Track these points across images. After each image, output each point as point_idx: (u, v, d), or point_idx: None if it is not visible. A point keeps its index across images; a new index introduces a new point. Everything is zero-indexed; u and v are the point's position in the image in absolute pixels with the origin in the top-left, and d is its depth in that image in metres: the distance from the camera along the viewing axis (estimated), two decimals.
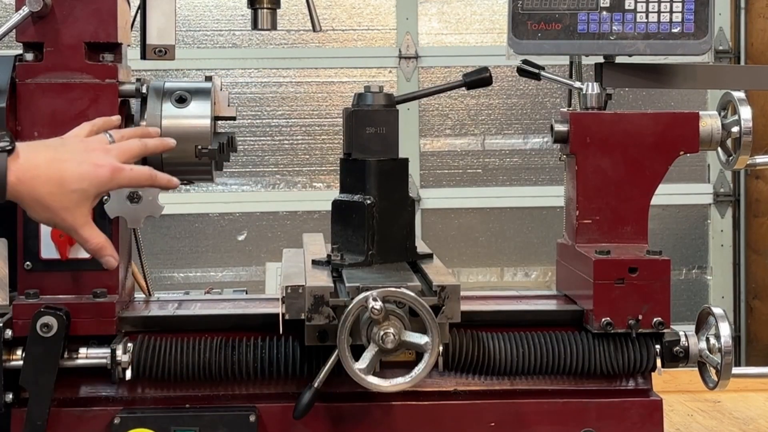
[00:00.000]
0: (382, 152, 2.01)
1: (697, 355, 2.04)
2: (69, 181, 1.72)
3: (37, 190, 1.70)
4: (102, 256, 1.79)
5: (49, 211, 1.72)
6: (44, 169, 1.72)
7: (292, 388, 1.98)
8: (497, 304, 2.14)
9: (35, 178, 1.71)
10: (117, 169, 1.77)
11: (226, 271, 5.51)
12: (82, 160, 1.75)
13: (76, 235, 1.76)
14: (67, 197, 1.72)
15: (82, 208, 1.74)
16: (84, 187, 1.73)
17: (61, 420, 1.94)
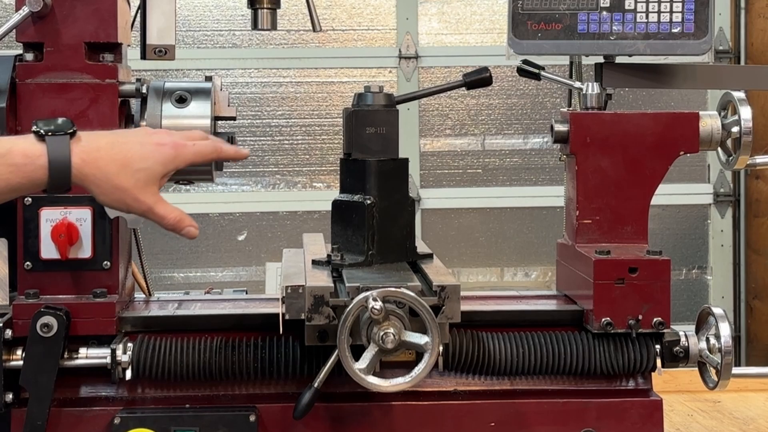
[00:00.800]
0: (382, 152, 2.01)
1: (697, 355, 2.04)
2: (133, 161, 1.70)
3: (102, 170, 1.67)
4: (182, 228, 1.75)
5: (118, 191, 1.68)
6: (107, 150, 1.70)
7: (292, 388, 1.98)
8: (497, 304, 2.14)
9: (99, 159, 1.68)
10: (180, 145, 1.75)
11: (226, 271, 5.51)
12: (144, 141, 1.74)
13: (151, 214, 1.72)
14: (133, 176, 1.69)
15: (151, 186, 1.71)
16: (149, 166, 1.71)
17: (61, 420, 1.94)
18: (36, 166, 1.64)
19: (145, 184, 1.71)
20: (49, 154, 1.64)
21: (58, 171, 1.65)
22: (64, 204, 1.97)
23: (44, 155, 1.64)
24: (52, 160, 1.64)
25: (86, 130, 1.97)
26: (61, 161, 1.65)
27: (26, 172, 1.64)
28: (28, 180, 1.64)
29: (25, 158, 1.64)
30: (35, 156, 1.64)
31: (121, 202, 1.70)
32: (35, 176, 1.64)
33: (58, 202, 1.97)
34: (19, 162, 1.63)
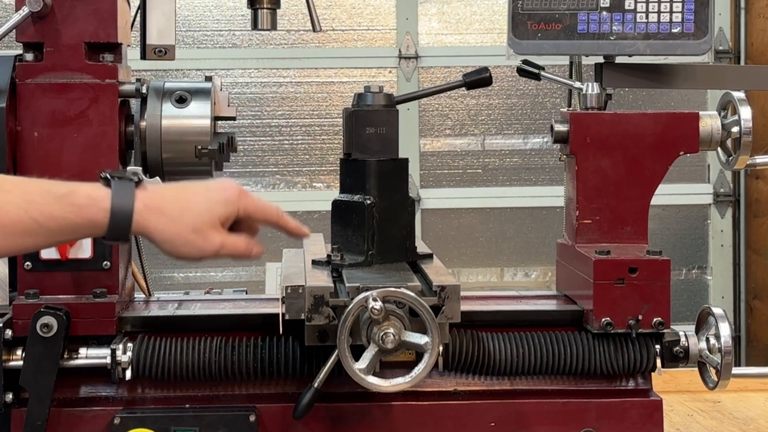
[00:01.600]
0: (382, 152, 2.01)
1: (697, 355, 2.04)
2: (196, 204, 1.69)
3: (165, 214, 1.66)
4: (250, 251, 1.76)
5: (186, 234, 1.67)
6: (171, 196, 1.70)
7: (292, 388, 1.98)
8: (497, 304, 2.14)
9: (163, 205, 1.67)
10: (244, 192, 1.75)
11: (226, 271, 5.51)
12: (206, 187, 1.74)
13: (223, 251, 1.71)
14: (199, 219, 1.68)
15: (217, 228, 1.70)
16: (211, 207, 1.70)
17: (61, 420, 1.94)
18: (98, 208, 1.62)
19: (210, 225, 1.69)
20: (112, 198, 1.62)
21: (119, 215, 1.62)
22: None
23: (108, 199, 1.62)
24: (114, 203, 1.62)
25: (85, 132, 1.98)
26: (124, 204, 1.63)
27: (88, 213, 1.61)
28: (88, 222, 1.62)
29: (88, 199, 1.62)
30: (99, 198, 1.62)
31: (189, 245, 1.68)
32: (96, 218, 1.61)
33: None
34: (81, 203, 1.61)
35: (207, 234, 1.68)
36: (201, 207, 1.69)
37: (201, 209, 1.69)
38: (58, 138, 1.99)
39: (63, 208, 1.60)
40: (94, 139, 1.99)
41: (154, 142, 2.03)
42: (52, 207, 1.59)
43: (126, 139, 2.05)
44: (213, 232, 1.69)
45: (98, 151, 1.99)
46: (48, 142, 1.99)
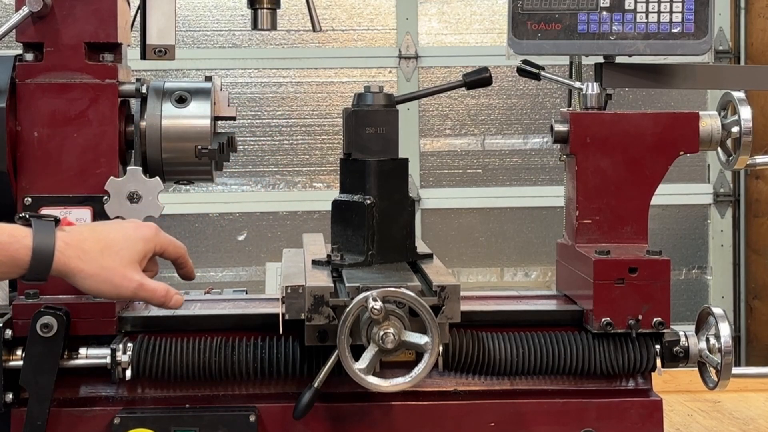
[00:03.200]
0: (382, 152, 2.01)
1: (697, 355, 2.03)
2: (116, 241, 1.75)
3: (86, 251, 1.71)
4: (171, 299, 1.82)
5: (104, 270, 1.72)
6: (89, 234, 1.75)
7: (292, 388, 1.98)
8: (497, 304, 2.14)
9: (83, 242, 1.72)
10: (158, 229, 1.82)
11: (226, 271, 5.51)
12: (123, 225, 1.81)
13: (142, 291, 1.77)
14: (119, 255, 1.74)
15: (135, 265, 1.76)
16: (130, 245, 1.76)
17: (61, 420, 1.94)
18: (21, 245, 1.67)
19: (129, 262, 1.75)
20: (34, 236, 1.68)
21: (41, 252, 1.68)
22: (64, 204, 1.97)
23: (29, 236, 1.68)
24: (36, 239, 1.68)
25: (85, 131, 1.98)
26: (45, 242, 1.68)
27: (10, 250, 1.67)
28: (10, 259, 1.67)
29: (10, 237, 1.68)
30: (21, 236, 1.68)
31: (108, 282, 1.73)
32: (18, 256, 1.67)
33: (58, 202, 1.97)
34: (4, 240, 1.67)
35: (126, 272, 1.75)
36: (120, 245, 1.75)
37: (120, 247, 1.75)
38: (58, 138, 1.99)
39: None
40: (94, 139, 1.99)
41: (154, 142, 2.03)
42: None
43: (126, 139, 2.05)
44: (132, 271, 1.76)
45: (98, 151, 1.99)
46: (48, 142, 1.99)
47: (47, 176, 1.99)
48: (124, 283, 1.75)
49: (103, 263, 1.72)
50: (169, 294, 1.81)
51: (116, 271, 1.73)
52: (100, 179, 1.98)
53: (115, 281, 1.74)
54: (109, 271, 1.73)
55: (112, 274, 1.73)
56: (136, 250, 1.77)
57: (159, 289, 1.79)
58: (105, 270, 1.73)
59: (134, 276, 1.76)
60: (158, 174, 2.05)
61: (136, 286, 1.76)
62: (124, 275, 1.74)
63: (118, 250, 1.74)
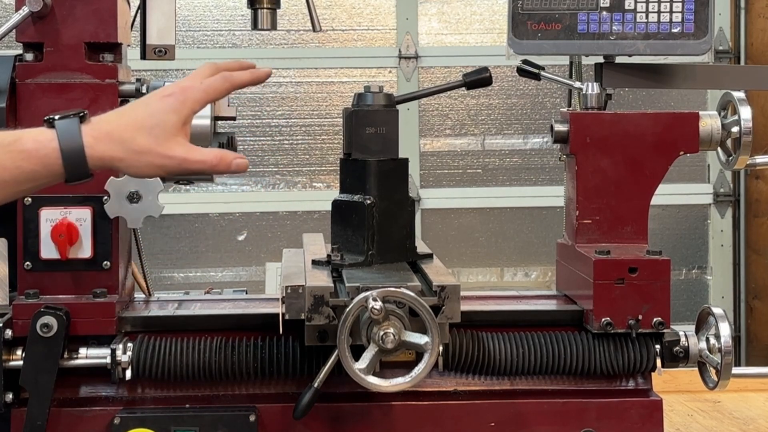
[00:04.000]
0: (382, 152, 2.01)
1: (697, 355, 2.04)
2: (144, 120, 1.62)
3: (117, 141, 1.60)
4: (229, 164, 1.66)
5: (143, 155, 1.60)
6: (116, 121, 1.63)
7: (292, 388, 1.98)
8: (497, 304, 2.14)
9: (111, 132, 1.61)
10: (187, 88, 1.67)
11: (226, 271, 5.51)
12: (148, 100, 1.67)
13: (188, 164, 1.63)
14: (152, 134, 1.61)
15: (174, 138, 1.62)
16: (161, 119, 1.63)
17: (61, 420, 1.94)
18: (48, 149, 1.58)
19: (167, 138, 1.62)
20: (59, 136, 1.58)
21: (70, 150, 1.58)
22: (64, 204, 1.97)
23: (55, 139, 1.58)
24: (62, 140, 1.58)
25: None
26: (72, 139, 1.58)
27: (39, 157, 1.58)
28: (42, 166, 1.58)
29: (35, 143, 1.58)
30: (46, 140, 1.58)
31: (151, 165, 1.62)
32: (49, 161, 1.58)
33: (58, 202, 1.97)
34: (30, 147, 1.58)
35: (165, 151, 1.62)
36: (151, 122, 1.63)
37: (151, 125, 1.62)
38: None
39: (12, 156, 1.57)
40: None
41: None
42: (2, 157, 1.57)
43: None
44: (171, 146, 1.63)
45: None
46: None
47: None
48: (166, 162, 1.62)
49: (137, 148, 1.61)
50: (224, 160, 1.65)
51: (155, 152, 1.61)
52: (100, 179, 1.98)
53: (156, 162, 1.62)
54: (147, 155, 1.61)
55: (152, 156, 1.61)
56: (169, 123, 1.63)
57: (208, 158, 1.64)
58: (142, 155, 1.61)
59: (175, 152, 1.62)
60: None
61: (181, 160, 1.62)
62: (164, 154, 1.62)
63: (150, 128, 1.62)
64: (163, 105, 1.65)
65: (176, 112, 1.64)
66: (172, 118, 1.64)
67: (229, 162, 1.66)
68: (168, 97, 1.66)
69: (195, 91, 1.67)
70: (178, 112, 1.64)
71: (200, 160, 1.64)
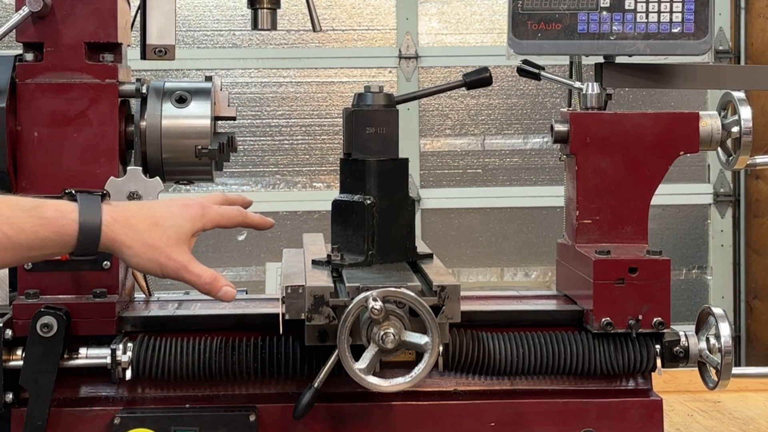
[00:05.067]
0: (382, 152, 2.01)
1: (697, 355, 2.04)
2: (162, 219, 1.70)
3: (133, 227, 1.67)
4: (219, 288, 1.74)
5: (150, 249, 1.67)
6: (136, 211, 1.71)
7: (292, 388, 1.98)
8: (497, 304, 2.14)
9: (130, 218, 1.68)
10: (206, 206, 1.77)
11: (226, 271, 5.51)
12: (170, 203, 1.75)
13: (186, 273, 1.71)
14: (165, 234, 1.69)
15: (182, 245, 1.71)
16: (178, 224, 1.71)
17: (61, 420, 1.94)
18: (67, 220, 1.62)
19: (176, 242, 1.70)
20: (80, 210, 1.64)
21: (88, 225, 1.63)
22: None
23: (75, 211, 1.63)
24: (82, 213, 1.63)
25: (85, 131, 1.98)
26: (92, 214, 1.64)
27: (57, 226, 1.62)
28: (57, 235, 1.62)
29: (56, 212, 1.63)
30: (67, 211, 1.63)
31: (153, 261, 1.69)
32: (65, 231, 1.62)
33: None
34: (50, 215, 1.62)
35: (172, 253, 1.70)
36: (167, 223, 1.70)
37: (167, 225, 1.70)
38: (58, 138, 1.99)
39: (32, 221, 1.61)
40: (94, 139, 1.99)
41: (154, 142, 2.03)
42: (21, 220, 1.60)
43: (126, 139, 2.05)
44: (178, 251, 1.71)
45: (98, 151, 2.00)
46: (48, 142, 1.99)
47: (47, 176, 1.99)
48: (169, 263, 1.69)
49: (149, 241, 1.67)
50: (216, 282, 1.73)
51: (162, 251, 1.68)
52: (100, 179, 1.98)
53: (160, 260, 1.69)
54: (154, 250, 1.68)
55: (158, 253, 1.68)
56: (183, 230, 1.71)
57: (205, 275, 1.72)
58: (151, 249, 1.68)
59: (180, 257, 1.70)
60: (158, 174, 2.05)
61: (181, 267, 1.70)
62: (170, 255, 1.69)
63: (165, 228, 1.69)
64: (183, 212, 1.74)
65: (192, 222, 1.74)
66: (187, 225, 1.72)
67: (220, 287, 1.74)
68: (189, 207, 1.75)
69: (213, 212, 1.78)
70: (193, 223, 1.74)
71: (197, 273, 1.72)
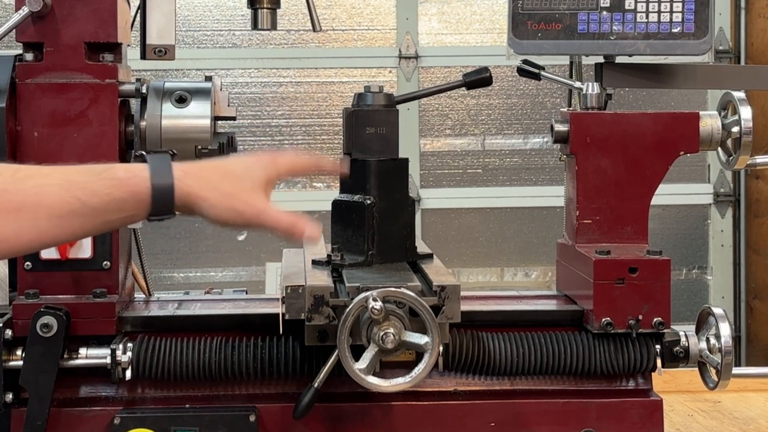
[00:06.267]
0: (382, 152, 2.01)
1: (697, 355, 2.04)
2: (235, 170, 1.68)
3: (206, 179, 1.64)
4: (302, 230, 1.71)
5: (226, 197, 1.64)
6: (208, 164, 1.69)
7: (292, 388, 1.98)
8: (497, 304, 2.14)
9: (201, 170, 1.65)
10: (277, 154, 1.76)
11: (226, 271, 5.51)
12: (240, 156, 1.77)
13: (266, 216, 1.68)
14: (240, 183, 1.67)
15: (259, 192, 1.69)
16: (252, 172, 1.69)
17: (61, 420, 1.94)
18: (140, 178, 1.60)
19: (252, 189, 1.68)
20: (151, 168, 1.61)
21: (160, 183, 1.60)
22: None
23: (146, 169, 1.61)
24: (153, 170, 1.61)
25: (85, 131, 1.98)
26: (164, 170, 1.61)
27: (129, 185, 1.59)
28: (131, 195, 1.59)
29: (127, 172, 1.61)
30: (138, 170, 1.61)
31: (232, 209, 1.65)
32: (138, 189, 1.59)
33: None
34: (122, 176, 1.60)
35: (249, 198, 1.67)
36: (240, 173, 1.68)
37: (241, 174, 1.68)
38: (58, 138, 1.99)
39: (104, 183, 1.58)
40: (94, 139, 2.00)
41: (154, 142, 2.03)
42: (94, 184, 1.58)
43: (126, 139, 2.05)
44: (255, 197, 1.68)
45: (98, 151, 2.00)
46: (48, 142, 1.99)
47: None
48: (248, 209, 1.66)
49: (224, 190, 1.64)
50: (298, 224, 1.70)
51: (238, 197, 1.65)
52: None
53: (238, 207, 1.65)
54: (231, 198, 1.65)
55: (235, 200, 1.65)
56: (258, 177, 1.69)
57: (284, 218, 1.70)
58: (227, 197, 1.65)
59: (257, 202, 1.68)
60: None
61: (259, 211, 1.68)
62: (247, 201, 1.66)
63: (239, 177, 1.67)
64: (254, 161, 1.72)
65: (265, 169, 1.72)
66: (260, 173, 1.70)
67: (302, 229, 1.71)
68: (261, 158, 1.74)
69: (286, 158, 1.77)
70: (266, 170, 1.72)
71: (276, 218, 1.70)
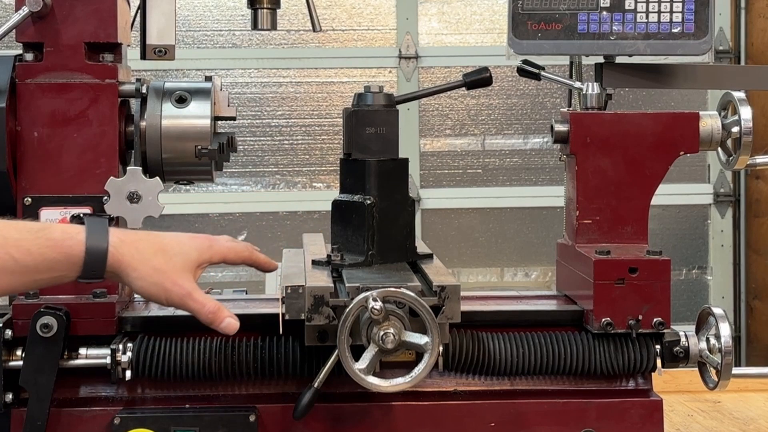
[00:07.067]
0: (382, 152, 2.01)
1: (697, 355, 2.03)
2: (169, 246, 1.71)
3: (140, 251, 1.67)
4: (222, 319, 1.73)
5: (156, 273, 1.67)
6: (144, 237, 1.71)
7: (292, 388, 1.98)
8: (497, 304, 2.14)
9: (137, 241, 1.68)
10: (214, 239, 1.78)
11: (226, 271, 5.51)
12: (178, 234, 1.76)
13: (190, 300, 1.70)
14: (171, 260, 1.69)
15: (188, 273, 1.71)
16: (185, 251, 1.71)
17: (61, 420, 1.94)
18: (74, 240, 1.62)
19: (182, 269, 1.70)
20: (87, 232, 1.63)
21: (95, 248, 1.63)
22: (64, 204, 1.97)
23: (83, 232, 1.63)
24: (89, 233, 1.63)
25: (85, 131, 1.98)
26: (99, 235, 1.64)
27: (64, 247, 1.61)
28: (64, 256, 1.61)
29: (63, 234, 1.63)
30: (74, 232, 1.63)
31: (158, 286, 1.68)
32: (72, 252, 1.61)
33: (58, 202, 1.97)
34: (57, 237, 1.62)
35: (177, 278, 1.70)
36: (174, 250, 1.71)
37: (174, 252, 1.71)
38: (58, 138, 1.99)
39: (39, 242, 1.60)
40: (94, 139, 2.00)
41: (154, 142, 2.03)
42: (29, 242, 1.60)
43: (126, 139, 2.05)
44: (183, 278, 1.70)
45: (98, 151, 2.00)
46: (48, 142, 1.99)
47: (47, 176, 1.99)
48: (174, 288, 1.70)
49: (155, 265, 1.67)
50: (219, 314, 1.72)
51: (167, 276, 1.68)
52: (100, 179, 1.98)
53: (165, 285, 1.69)
54: (160, 274, 1.68)
55: (164, 277, 1.68)
56: (190, 258, 1.72)
57: (209, 304, 1.72)
58: (157, 272, 1.68)
59: (185, 283, 1.70)
60: (158, 174, 2.05)
61: (186, 293, 1.70)
62: (175, 281, 1.69)
63: (172, 255, 1.70)
64: (190, 241, 1.74)
65: (199, 252, 1.74)
66: (194, 254, 1.73)
67: (223, 317, 1.73)
68: (197, 238, 1.76)
69: (221, 244, 1.79)
70: (200, 253, 1.74)
71: (201, 302, 1.72)
